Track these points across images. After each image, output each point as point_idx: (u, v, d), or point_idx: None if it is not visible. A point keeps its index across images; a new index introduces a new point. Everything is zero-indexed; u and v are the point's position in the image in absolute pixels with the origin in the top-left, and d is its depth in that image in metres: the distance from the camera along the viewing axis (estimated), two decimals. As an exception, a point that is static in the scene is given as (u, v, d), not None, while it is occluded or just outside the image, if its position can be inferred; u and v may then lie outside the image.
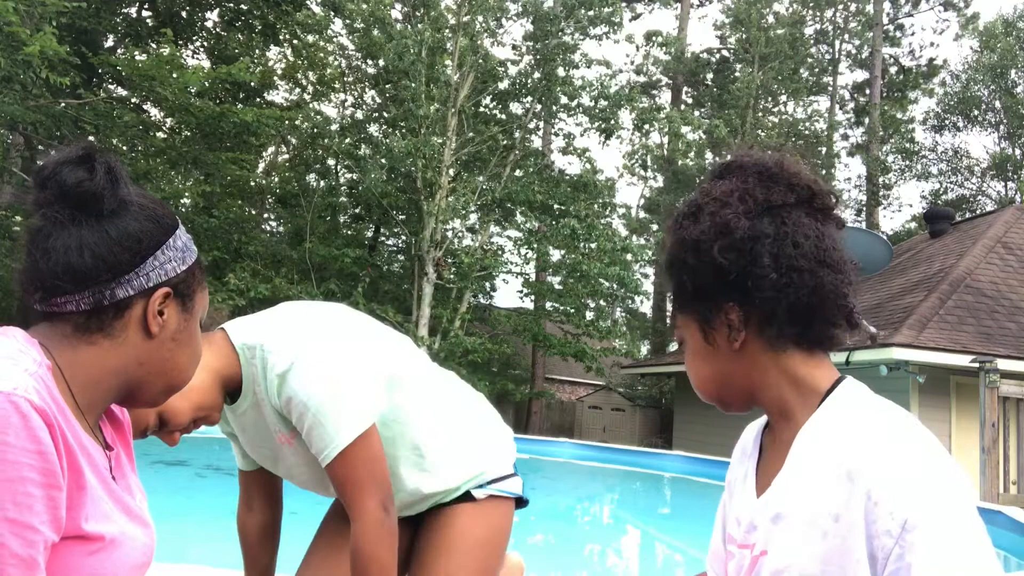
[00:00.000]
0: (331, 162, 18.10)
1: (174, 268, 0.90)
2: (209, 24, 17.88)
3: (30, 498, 0.73)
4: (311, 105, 18.56)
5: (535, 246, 15.35)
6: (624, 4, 19.02)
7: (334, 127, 17.19)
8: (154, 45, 15.32)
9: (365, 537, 1.29)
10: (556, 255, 15.14)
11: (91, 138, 14.78)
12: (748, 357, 0.92)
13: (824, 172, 24.99)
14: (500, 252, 15.98)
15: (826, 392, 0.90)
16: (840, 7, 25.71)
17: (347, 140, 16.86)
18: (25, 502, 0.72)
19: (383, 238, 20.12)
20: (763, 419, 1.05)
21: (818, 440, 0.85)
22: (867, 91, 25.87)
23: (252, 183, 18.15)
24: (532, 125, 16.18)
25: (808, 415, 0.89)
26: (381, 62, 15.14)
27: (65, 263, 0.83)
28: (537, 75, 14.69)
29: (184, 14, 16.77)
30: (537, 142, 17.69)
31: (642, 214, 30.32)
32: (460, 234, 15.68)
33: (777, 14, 24.57)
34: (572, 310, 14.92)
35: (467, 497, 1.55)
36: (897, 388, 9.19)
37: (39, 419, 0.74)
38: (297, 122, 16.48)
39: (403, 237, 17.30)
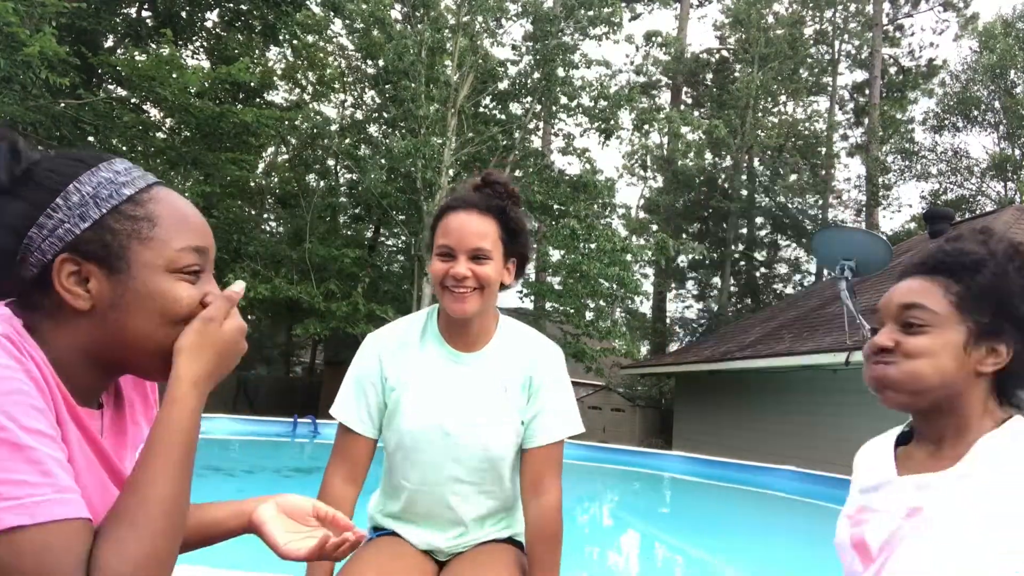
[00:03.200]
0: (331, 162, 18.10)
1: (69, 230, 0.78)
2: (209, 24, 17.88)
3: (38, 411, 0.71)
4: (311, 105, 18.56)
5: (535, 246, 15.33)
6: (624, 4, 19.02)
7: (334, 127, 17.20)
8: (154, 45, 15.32)
9: (555, 509, 1.53)
10: (556, 255, 15.14)
11: (91, 138, 14.80)
12: (979, 383, 1.04)
13: (824, 172, 25.01)
14: (500, 252, 15.96)
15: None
16: (840, 7, 25.71)
17: (347, 140, 16.86)
18: (36, 415, 0.70)
19: (383, 238, 20.12)
20: (888, 439, 1.19)
21: (998, 452, 1.00)
22: (867, 91, 25.87)
23: (252, 183, 18.15)
24: (532, 125, 16.17)
25: (978, 437, 1.04)
26: (381, 62, 15.13)
27: None
28: (537, 75, 14.68)
29: (184, 14, 16.76)
30: (537, 142, 17.69)
31: (642, 214, 30.32)
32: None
33: (777, 14, 24.58)
34: (572, 310, 14.91)
35: (510, 541, 1.66)
36: (897, 388, 9.18)
37: (9, 344, 0.72)
38: (297, 122, 16.48)
39: (403, 237, 17.30)
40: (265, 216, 22.09)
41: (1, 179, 0.79)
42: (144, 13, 16.86)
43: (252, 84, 16.25)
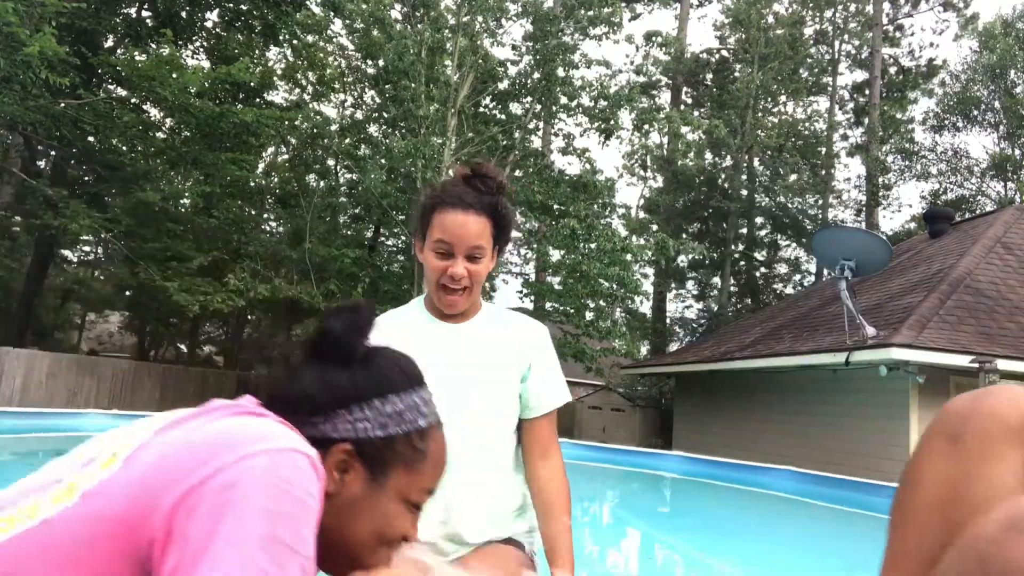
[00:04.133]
0: (331, 162, 18.10)
1: (366, 429, 0.86)
2: (209, 24, 17.88)
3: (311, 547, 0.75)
4: (311, 105, 18.57)
5: (535, 246, 15.34)
6: (624, 4, 19.01)
7: (334, 127, 17.20)
8: (154, 45, 15.32)
9: (562, 470, 1.66)
10: (556, 255, 15.15)
11: (91, 138, 14.79)
12: None
13: (824, 172, 25.01)
14: (500, 252, 15.94)
15: None
16: (840, 7, 25.70)
17: (347, 140, 16.87)
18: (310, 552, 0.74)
19: (383, 238, 20.11)
20: None
21: None
22: (867, 91, 25.87)
23: (252, 183, 18.15)
24: (532, 125, 16.18)
25: None
26: (381, 62, 15.14)
27: (282, 389, 0.88)
28: (537, 75, 14.69)
29: (184, 14, 16.76)
30: (537, 142, 17.69)
31: (642, 214, 30.31)
32: (460, 234, 15.66)
33: (777, 14, 24.57)
34: (572, 310, 14.92)
35: (510, 541, 1.66)
36: (897, 388, 9.19)
37: (319, 480, 0.77)
38: (297, 122, 16.49)
39: (403, 237, 17.31)
40: (265, 216, 22.09)
41: (357, 348, 0.89)
42: (144, 13, 16.86)
43: (252, 84, 16.25)
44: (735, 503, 7.59)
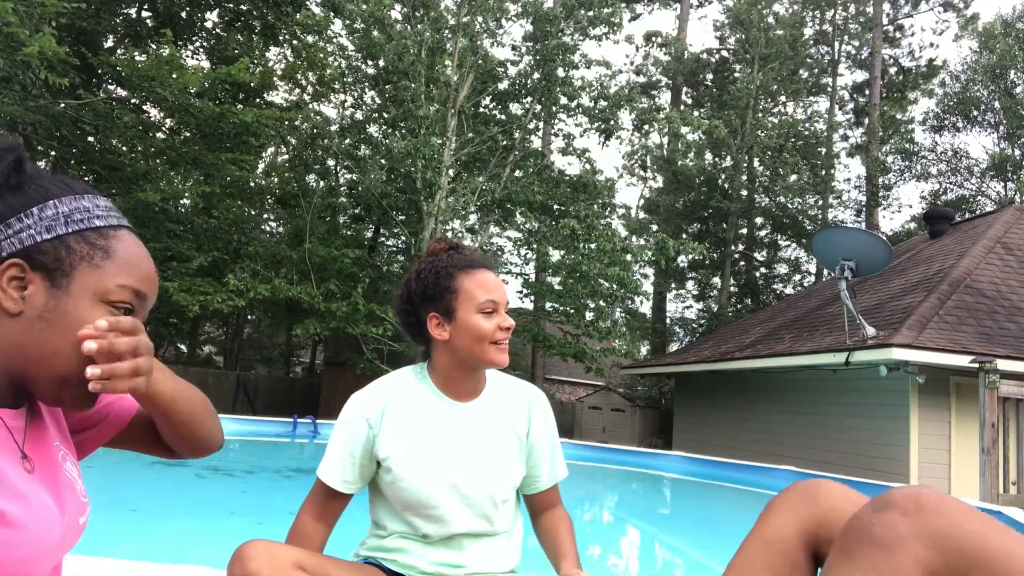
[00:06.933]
0: (331, 162, 18.09)
1: (31, 236, 0.82)
2: (209, 24, 17.89)
3: None
4: (311, 105, 18.57)
5: (535, 246, 15.33)
6: (624, 4, 19.00)
7: (334, 127, 17.19)
8: (154, 45, 15.33)
9: (566, 512, 1.74)
10: (556, 255, 15.14)
11: (91, 139, 14.79)
12: None
13: (824, 172, 25.01)
14: (500, 252, 15.96)
15: None
16: (840, 8, 25.71)
17: (347, 140, 16.86)
18: None
19: (383, 238, 20.12)
20: None
21: None
22: (867, 92, 25.87)
23: (252, 183, 18.15)
24: (532, 125, 16.16)
25: None
26: (381, 62, 15.13)
27: None
28: (537, 76, 14.68)
29: (184, 14, 16.77)
30: (537, 143, 17.67)
31: (642, 214, 30.33)
32: (460, 235, 15.68)
33: (777, 15, 24.58)
34: (572, 310, 14.91)
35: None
36: (897, 388, 9.19)
37: None
38: (297, 123, 16.48)
39: (403, 238, 17.30)
40: (265, 216, 22.11)
41: (8, 178, 0.84)
42: (144, 13, 16.87)
43: (252, 84, 16.25)
44: (735, 503, 7.59)
